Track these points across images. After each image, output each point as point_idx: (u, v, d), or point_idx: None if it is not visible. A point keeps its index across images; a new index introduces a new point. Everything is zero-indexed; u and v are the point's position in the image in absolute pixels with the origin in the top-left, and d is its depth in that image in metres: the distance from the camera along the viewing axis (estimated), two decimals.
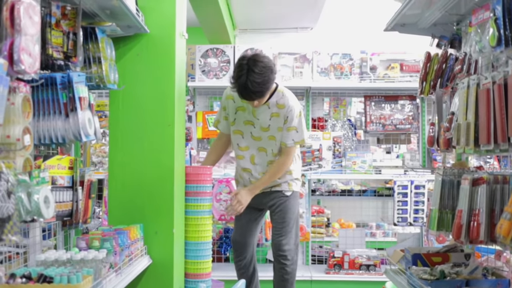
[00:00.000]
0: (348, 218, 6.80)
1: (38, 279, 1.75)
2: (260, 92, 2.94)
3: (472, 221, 2.00)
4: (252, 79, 2.85)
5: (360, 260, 4.88)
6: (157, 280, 2.82)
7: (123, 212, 2.86)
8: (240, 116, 3.25)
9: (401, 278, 2.44)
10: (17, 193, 1.69)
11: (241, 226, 3.42)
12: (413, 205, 4.84)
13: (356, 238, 5.21)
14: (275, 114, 3.17)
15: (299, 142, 3.22)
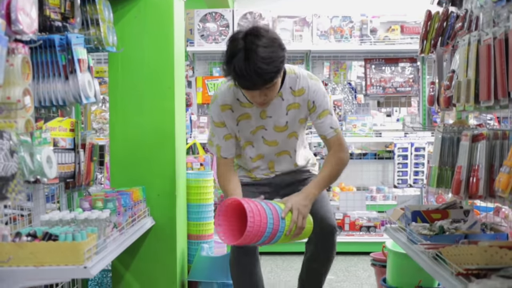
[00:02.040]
0: (348, 182, 6.84)
1: (43, 237, 1.77)
2: (269, 74, 2.04)
3: (472, 177, 2.01)
4: (256, 55, 2.00)
5: (360, 221, 4.94)
6: (160, 240, 2.87)
7: (125, 175, 2.88)
8: (244, 127, 2.40)
9: (401, 235, 2.48)
10: (19, 153, 1.70)
11: None
12: (413, 167, 4.87)
13: (357, 201, 5.26)
14: (293, 105, 2.35)
15: (338, 129, 2.39)
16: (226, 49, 2.10)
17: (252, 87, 2.11)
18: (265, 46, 2.03)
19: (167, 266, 2.89)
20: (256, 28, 2.09)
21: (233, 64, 2.03)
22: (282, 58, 2.09)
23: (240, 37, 2.07)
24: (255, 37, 2.04)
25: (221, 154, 2.41)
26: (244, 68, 2.01)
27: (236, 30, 2.21)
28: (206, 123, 5.11)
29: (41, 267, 1.73)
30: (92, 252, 1.82)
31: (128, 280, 2.88)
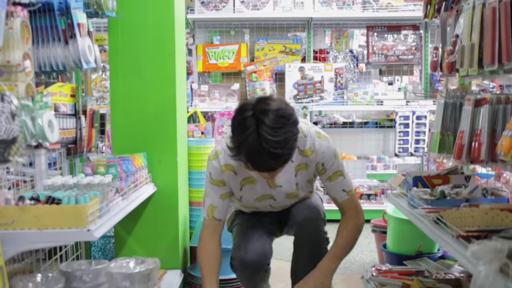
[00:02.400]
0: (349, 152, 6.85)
1: (46, 201, 1.78)
2: (284, 156, 1.87)
3: (474, 141, 2.01)
4: (268, 139, 1.80)
5: (361, 189, 4.96)
6: (163, 207, 2.88)
7: (126, 142, 2.88)
8: (249, 191, 2.22)
9: (402, 200, 2.49)
10: (20, 117, 1.70)
11: (255, 238, 2.26)
12: (414, 136, 4.87)
13: (358, 169, 5.28)
14: (301, 166, 2.18)
15: (351, 191, 2.26)
16: (234, 125, 1.89)
17: (267, 169, 1.93)
18: (279, 126, 1.82)
19: (169, 232, 2.91)
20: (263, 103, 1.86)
21: (245, 148, 1.83)
22: (295, 137, 1.90)
23: (249, 115, 1.83)
24: (265, 116, 1.81)
25: (214, 215, 2.20)
26: (258, 151, 1.82)
27: (240, 105, 1.92)
28: (206, 91, 5.10)
29: (44, 230, 1.74)
30: (95, 216, 1.83)
31: (131, 245, 2.91)
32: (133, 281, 2.12)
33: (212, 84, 5.32)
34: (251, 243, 2.22)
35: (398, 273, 2.61)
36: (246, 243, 2.23)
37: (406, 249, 3.06)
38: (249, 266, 2.20)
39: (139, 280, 2.13)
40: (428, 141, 4.66)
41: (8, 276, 1.71)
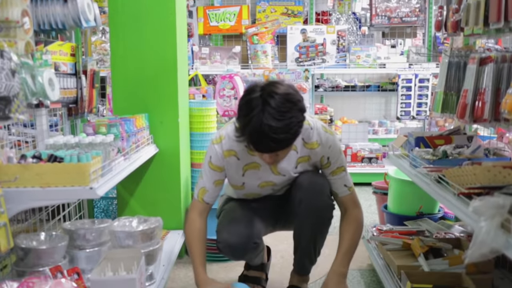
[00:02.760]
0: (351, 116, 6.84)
1: (48, 159, 1.78)
2: (286, 141, 1.89)
3: (477, 100, 2.00)
4: (273, 121, 1.81)
5: (362, 153, 4.96)
6: (164, 168, 2.89)
7: (127, 104, 2.86)
8: (252, 177, 2.21)
9: (404, 161, 2.49)
10: (20, 74, 1.68)
11: (240, 220, 2.25)
12: (416, 99, 4.85)
13: (359, 133, 5.27)
14: (303, 158, 2.17)
15: (352, 187, 2.25)
16: (241, 105, 1.92)
17: (267, 151, 1.94)
18: (285, 110, 1.83)
19: (171, 193, 2.92)
20: (273, 85, 1.87)
21: (249, 129, 1.85)
22: (301, 123, 1.91)
23: (257, 96, 1.85)
24: (272, 98, 1.83)
25: (204, 198, 2.21)
26: (260, 135, 1.83)
27: (250, 86, 1.93)
28: (207, 54, 5.05)
29: (47, 188, 1.74)
30: (97, 174, 1.83)
31: (133, 206, 2.92)
32: (136, 240, 2.14)
33: (213, 47, 5.26)
34: (234, 225, 2.22)
35: (399, 233, 2.63)
36: (229, 226, 2.23)
37: (407, 210, 3.08)
38: (233, 248, 2.21)
39: (142, 239, 2.15)
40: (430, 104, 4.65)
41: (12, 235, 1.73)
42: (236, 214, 2.29)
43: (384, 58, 5.27)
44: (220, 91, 4.44)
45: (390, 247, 2.46)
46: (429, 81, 4.80)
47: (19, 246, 1.94)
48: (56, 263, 1.95)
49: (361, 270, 2.81)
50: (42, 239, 2.02)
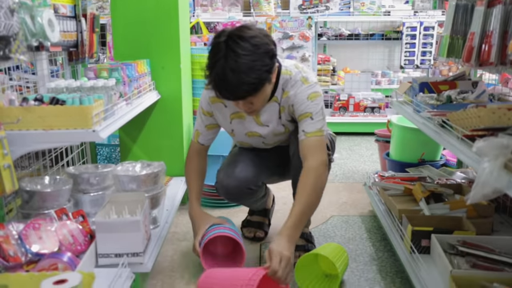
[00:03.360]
0: (353, 67, 6.77)
1: (50, 101, 1.77)
2: (249, 85, 1.82)
3: (484, 43, 1.97)
4: (234, 65, 1.76)
5: (365, 102, 4.94)
6: (166, 114, 2.88)
7: (128, 49, 2.82)
8: (238, 127, 2.19)
9: (407, 107, 2.47)
10: (19, 14, 1.65)
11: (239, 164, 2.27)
12: (421, 48, 4.79)
13: (362, 83, 5.24)
14: (283, 107, 2.10)
15: (313, 133, 2.00)
16: (209, 51, 1.88)
17: (232, 98, 1.89)
18: (247, 54, 1.78)
19: (173, 140, 2.93)
20: (240, 30, 1.83)
21: (213, 74, 1.82)
22: (267, 67, 1.84)
23: (222, 41, 1.81)
24: (236, 43, 1.78)
25: (198, 140, 2.24)
26: (222, 80, 1.80)
27: (220, 30, 1.89)
28: (209, 1, 4.96)
29: (50, 130, 1.74)
30: (100, 117, 1.82)
31: (136, 153, 2.93)
32: (139, 184, 2.15)
33: None
34: (231, 168, 2.24)
35: (401, 179, 2.64)
36: (227, 168, 2.25)
37: (409, 157, 3.09)
38: (227, 190, 2.24)
39: (146, 183, 2.16)
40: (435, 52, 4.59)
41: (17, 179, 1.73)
42: (236, 158, 2.31)
43: (389, 6, 5.17)
44: None
45: (392, 192, 2.48)
46: (434, 29, 4.73)
47: (24, 189, 1.95)
48: (61, 206, 1.98)
49: (362, 216, 2.85)
50: (47, 183, 2.03)
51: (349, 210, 2.96)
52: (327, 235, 2.60)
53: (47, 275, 1.57)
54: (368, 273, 2.17)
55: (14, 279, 1.56)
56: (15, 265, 1.65)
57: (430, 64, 4.79)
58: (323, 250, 2.03)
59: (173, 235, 2.60)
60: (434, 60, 4.78)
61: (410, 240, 1.98)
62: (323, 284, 2.06)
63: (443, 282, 1.73)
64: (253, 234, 2.54)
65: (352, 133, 4.96)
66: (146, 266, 1.89)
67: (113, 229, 1.82)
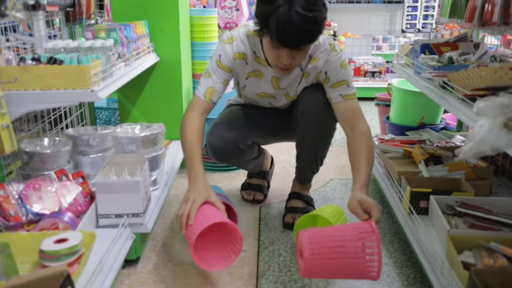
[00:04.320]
0: (354, 31, 6.71)
1: (48, 61, 1.75)
2: (311, 34, 1.77)
3: (487, 3, 1.93)
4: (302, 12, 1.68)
5: (366, 67, 4.91)
6: (166, 77, 2.86)
7: (127, 10, 2.78)
8: (252, 85, 2.17)
9: (408, 69, 2.46)
10: None
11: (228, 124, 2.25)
12: (423, 11, 4.72)
13: (363, 47, 5.19)
14: (305, 75, 2.09)
15: (350, 96, 2.04)
16: None
17: (293, 44, 1.79)
18: (313, 2, 1.70)
19: (173, 103, 2.91)
20: None
21: (275, 18, 1.70)
22: (324, 20, 1.78)
23: None
24: None
25: (212, 98, 2.05)
26: (289, 24, 1.69)
27: None
28: None
29: (48, 90, 1.72)
30: (98, 78, 1.81)
31: (135, 116, 2.92)
32: (139, 145, 2.15)
33: None
34: (219, 128, 2.21)
35: (400, 142, 2.64)
36: (214, 128, 2.23)
37: (409, 121, 3.08)
38: (215, 150, 2.22)
39: (145, 144, 2.16)
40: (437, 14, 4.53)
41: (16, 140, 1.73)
42: (224, 118, 2.27)
43: None
44: (221, 1, 4.31)
45: (391, 155, 2.48)
46: None
47: (23, 150, 1.95)
48: (60, 167, 1.98)
49: None
50: (46, 144, 2.03)
51: (348, 173, 2.95)
52: (326, 197, 2.61)
53: (48, 234, 1.59)
54: None
55: (15, 238, 1.57)
56: (15, 225, 1.66)
57: (432, 28, 4.74)
58: (322, 212, 2.04)
59: (173, 198, 2.62)
60: (436, 24, 4.72)
61: (408, 202, 1.98)
62: None
63: (441, 242, 1.74)
64: (252, 196, 2.55)
65: None
66: (146, 227, 1.90)
67: (113, 189, 1.83)
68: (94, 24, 2.82)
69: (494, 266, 1.47)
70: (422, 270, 1.80)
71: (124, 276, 1.86)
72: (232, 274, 1.87)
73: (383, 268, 1.90)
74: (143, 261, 1.98)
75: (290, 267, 1.93)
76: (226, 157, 2.29)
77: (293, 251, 2.05)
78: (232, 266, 1.90)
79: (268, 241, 2.15)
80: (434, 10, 4.66)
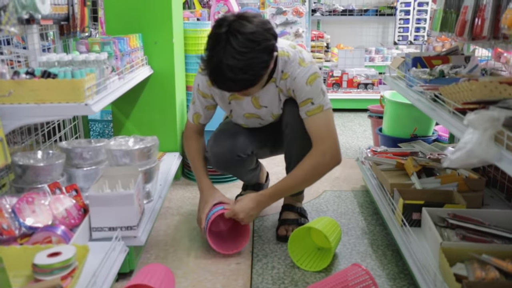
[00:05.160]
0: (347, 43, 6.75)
1: (42, 75, 1.76)
2: (242, 82, 1.82)
3: (477, 17, 1.96)
4: (231, 62, 1.74)
5: (358, 79, 4.94)
6: (160, 90, 2.87)
7: (121, 24, 2.80)
8: (236, 108, 2.20)
9: (400, 82, 2.48)
10: None
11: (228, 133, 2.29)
12: (414, 24, 4.77)
13: (355, 59, 5.23)
14: (280, 89, 2.10)
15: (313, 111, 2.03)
16: (208, 39, 1.83)
17: (230, 91, 1.94)
18: (246, 51, 1.74)
19: (167, 115, 2.92)
20: (241, 24, 1.77)
21: (210, 66, 1.80)
22: (265, 64, 1.82)
23: (222, 32, 1.76)
24: (235, 38, 1.74)
25: (200, 121, 2.26)
26: (220, 72, 1.77)
27: (221, 18, 1.83)
28: None
29: (42, 104, 1.73)
30: (92, 91, 1.82)
31: (129, 129, 2.93)
32: (132, 158, 2.15)
33: None
34: (220, 136, 2.26)
35: (393, 154, 2.66)
36: (216, 136, 2.27)
37: (402, 133, 3.10)
38: (216, 158, 2.24)
39: (139, 157, 2.17)
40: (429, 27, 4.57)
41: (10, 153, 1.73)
42: (225, 127, 2.32)
43: None
44: (215, 14, 4.34)
45: (384, 167, 2.49)
46: (428, 4, 4.70)
47: (16, 164, 1.95)
48: (54, 180, 1.98)
49: (354, 191, 2.87)
50: (39, 157, 2.03)
51: (342, 185, 2.98)
52: (320, 209, 2.62)
53: (41, 248, 1.58)
54: (360, 247, 2.20)
55: (8, 252, 1.57)
56: (8, 238, 1.66)
57: (423, 40, 4.78)
58: (316, 224, 2.05)
59: (167, 210, 2.62)
60: (427, 36, 4.77)
61: (401, 214, 2.00)
62: (316, 257, 2.08)
63: (434, 254, 1.75)
64: None
65: (345, 109, 4.96)
66: (140, 240, 1.90)
67: (107, 202, 1.83)
68: (88, 37, 2.84)
69: (486, 278, 1.48)
70: (414, 282, 1.81)
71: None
72: (226, 287, 1.87)
73: (377, 280, 1.90)
74: None
75: (284, 280, 1.93)
76: (226, 165, 2.29)
77: (287, 263, 2.05)
78: (226, 279, 1.90)
79: (261, 253, 2.15)
80: (425, 23, 4.71)
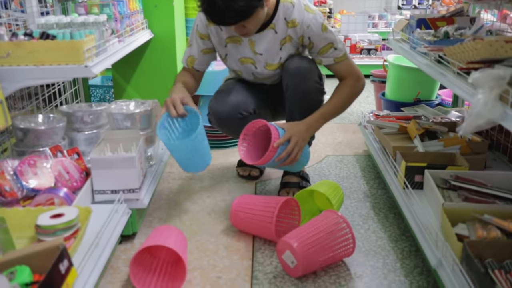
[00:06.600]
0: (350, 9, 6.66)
1: (40, 36, 1.74)
2: (236, 12, 1.81)
3: None
4: None
5: (361, 44, 4.88)
6: (160, 54, 2.85)
7: None
8: (233, 51, 2.17)
9: (404, 45, 2.44)
10: None
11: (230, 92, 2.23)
12: None
13: (358, 24, 5.16)
14: (286, 39, 2.08)
15: (341, 58, 2.10)
16: None
17: (221, 23, 1.89)
18: None
19: (167, 79, 2.90)
20: None
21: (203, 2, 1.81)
22: None
23: None
24: None
25: (194, 66, 2.19)
26: (212, 3, 1.77)
27: None
28: None
29: (41, 66, 1.72)
30: (91, 53, 1.80)
31: (130, 93, 2.92)
32: (133, 121, 2.14)
33: None
34: (222, 95, 2.21)
35: (396, 118, 2.64)
36: (217, 95, 2.23)
37: (405, 97, 3.08)
38: (218, 116, 2.19)
39: (140, 120, 2.15)
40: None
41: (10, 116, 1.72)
42: (227, 87, 2.28)
43: None
44: None
45: (387, 130, 2.48)
46: None
47: (17, 127, 1.95)
48: (55, 143, 1.97)
49: (356, 156, 2.87)
50: (40, 121, 2.02)
51: (344, 149, 2.98)
52: (322, 173, 2.62)
53: (43, 209, 1.59)
54: (362, 210, 2.21)
55: (11, 214, 1.57)
56: (11, 200, 1.66)
57: (428, 4, 4.71)
58: (319, 187, 2.05)
59: (169, 174, 2.62)
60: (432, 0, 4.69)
61: (404, 176, 1.99)
62: None
63: (435, 215, 1.75)
64: (247, 173, 2.55)
65: None
66: (142, 202, 1.90)
67: (109, 165, 1.82)
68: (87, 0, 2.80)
69: (487, 237, 1.48)
70: (416, 243, 1.82)
71: (121, 251, 1.87)
72: (228, 248, 1.88)
73: (379, 242, 1.91)
74: (140, 236, 1.98)
75: None
76: (228, 124, 2.22)
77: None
78: (229, 240, 1.92)
79: None
80: None
